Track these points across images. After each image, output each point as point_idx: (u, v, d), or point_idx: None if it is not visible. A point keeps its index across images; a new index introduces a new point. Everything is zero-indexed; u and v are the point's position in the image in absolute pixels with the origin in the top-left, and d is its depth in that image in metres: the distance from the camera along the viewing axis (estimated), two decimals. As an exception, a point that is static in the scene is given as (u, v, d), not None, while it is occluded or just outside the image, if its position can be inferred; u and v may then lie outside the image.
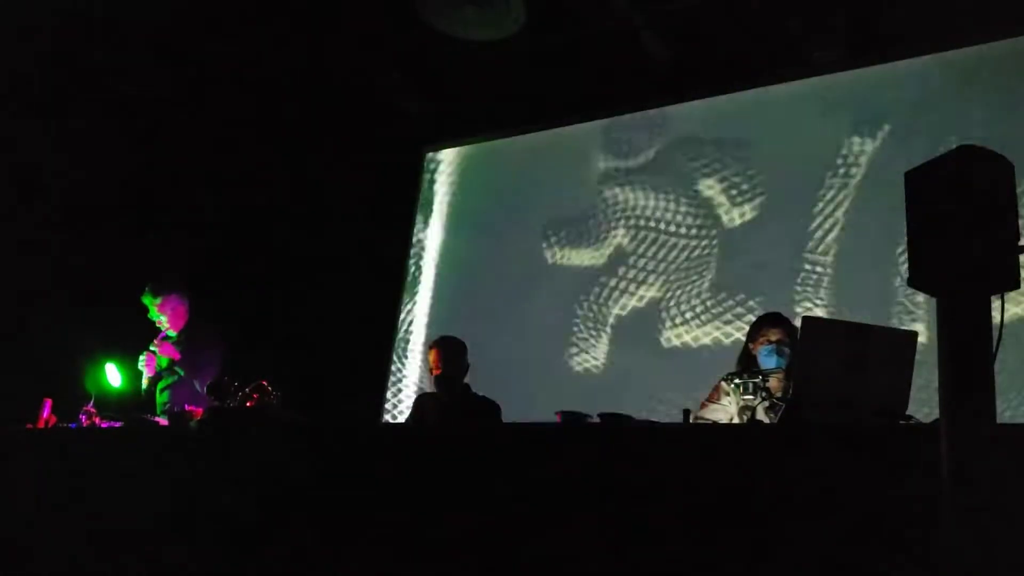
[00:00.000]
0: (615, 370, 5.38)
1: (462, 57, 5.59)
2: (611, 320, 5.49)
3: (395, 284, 6.42)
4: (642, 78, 5.56)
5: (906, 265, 1.92)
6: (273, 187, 6.16)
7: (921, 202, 1.91)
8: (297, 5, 5.32)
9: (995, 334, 1.80)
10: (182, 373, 4.45)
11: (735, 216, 5.25)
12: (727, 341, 4.97)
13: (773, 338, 3.32)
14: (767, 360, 3.30)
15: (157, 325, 4.57)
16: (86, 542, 3.29)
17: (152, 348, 4.49)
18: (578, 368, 5.49)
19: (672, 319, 5.25)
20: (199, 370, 4.38)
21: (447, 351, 4.28)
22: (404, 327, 6.36)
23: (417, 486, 2.74)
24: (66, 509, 3.41)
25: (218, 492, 3.12)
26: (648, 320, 5.33)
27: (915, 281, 1.91)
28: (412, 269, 6.46)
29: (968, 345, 1.78)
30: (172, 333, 4.58)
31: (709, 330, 5.11)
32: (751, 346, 3.42)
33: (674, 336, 5.22)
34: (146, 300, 4.56)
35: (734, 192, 5.29)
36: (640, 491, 2.37)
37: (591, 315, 5.55)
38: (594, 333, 5.50)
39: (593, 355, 5.48)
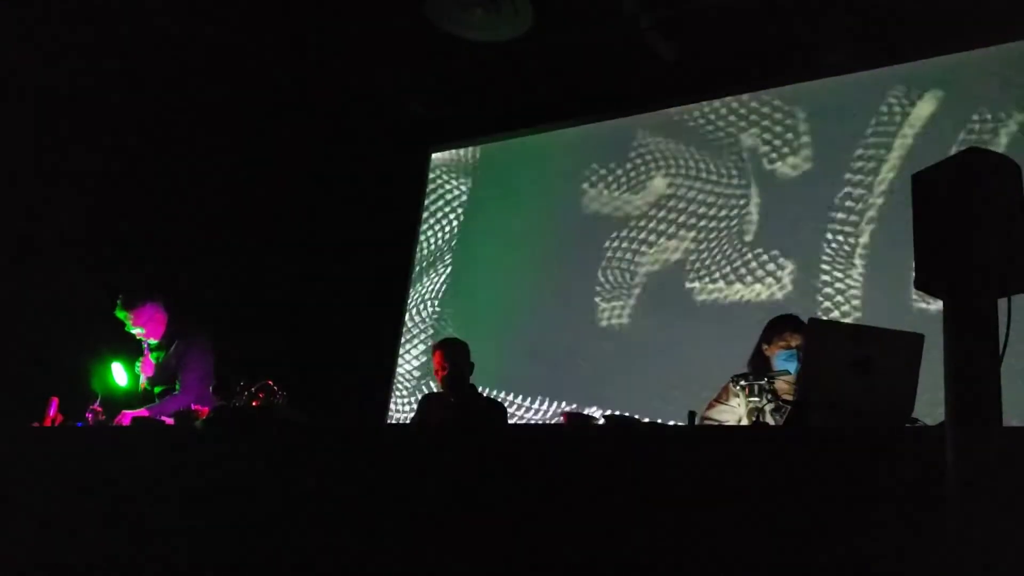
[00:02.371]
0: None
1: (469, 59, 5.59)
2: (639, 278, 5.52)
3: (401, 285, 6.44)
4: (650, 79, 5.55)
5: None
6: (279, 187, 6.17)
7: (928, 204, 1.90)
8: (304, 6, 5.33)
9: (1002, 336, 1.79)
10: (176, 388, 4.40)
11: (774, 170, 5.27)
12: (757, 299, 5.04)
13: (794, 343, 3.28)
14: (785, 364, 3.26)
15: (137, 336, 4.45)
16: (92, 540, 3.29)
17: (144, 357, 4.44)
18: (604, 325, 5.53)
19: (702, 274, 5.28)
20: (190, 382, 4.31)
21: (451, 352, 4.29)
22: (410, 328, 6.39)
23: (422, 487, 2.74)
24: (72, 508, 3.42)
25: (224, 492, 3.12)
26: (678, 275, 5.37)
27: (921, 283, 1.90)
28: (419, 267, 6.48)
29: (975, 347, 1.78)
30: (153, 341, 4.47)
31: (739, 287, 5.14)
32: (766, 348, 3.38)
33: (704, 292, 5.24)
34: (120, 315, 4.40)
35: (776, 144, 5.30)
36: (646, 493, 2.37)
37: (618, 275, 5.58)
38: (622, 291, 5.54)
39: (619, 314, 5.52)
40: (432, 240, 6.52)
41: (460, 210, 6.48)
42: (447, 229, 6.49)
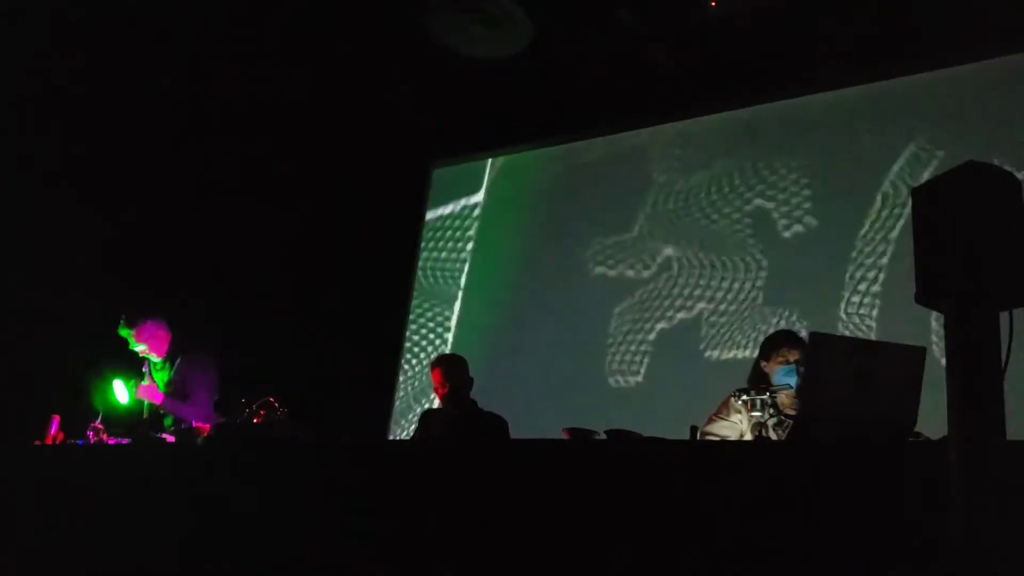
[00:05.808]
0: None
1: (469, 73, 5.60)
2: (653, 335, 5.40)
3: (402, 300, 6.43)
4: (650, 92, 5.56)
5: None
6: (280, 202, 6.18)
7: (928, 218, 1.90)
8: (305, 21, 5.35)
9: (1004, 350, 1.78)
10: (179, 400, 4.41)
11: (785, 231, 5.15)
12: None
13: (792, 358, 3.27)
14: (785, 379, 3.25)
15: (141, 355, 4.48)
16: (93, 559, 3.28)
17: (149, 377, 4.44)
18: (614, 384, 5.42)
19: (716, 335, 5.14)
20: (201, 398, 4.33)
21: (451, 368, 4.28)
22: (412, 342, 6.38)
23: (423, 503, 2.73)
24: (73, 526, 3.41)
25: (225, 509, 3.12)
26: (691, 334, 5.23)
27: (923, 297, 1.89)
28: (425, 283, 6.47)
29: (977, 362, 1.77)
30: (157, 359, 4.51)
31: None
32: (764, 364, 3.38)
33: (716, 352, 5.12)
34: (123, 333, 4.45)
35: (785, 208, 5.19)
36: (647, 508, 2.36)
37: (629, 329, 5.47)
38: (633, 348, 5.43)
39: (632, 371, 5.40)
40: (434, 255, 6.52)
41: (463, 227, 6.49)
42: (449, 245, 6.49)
